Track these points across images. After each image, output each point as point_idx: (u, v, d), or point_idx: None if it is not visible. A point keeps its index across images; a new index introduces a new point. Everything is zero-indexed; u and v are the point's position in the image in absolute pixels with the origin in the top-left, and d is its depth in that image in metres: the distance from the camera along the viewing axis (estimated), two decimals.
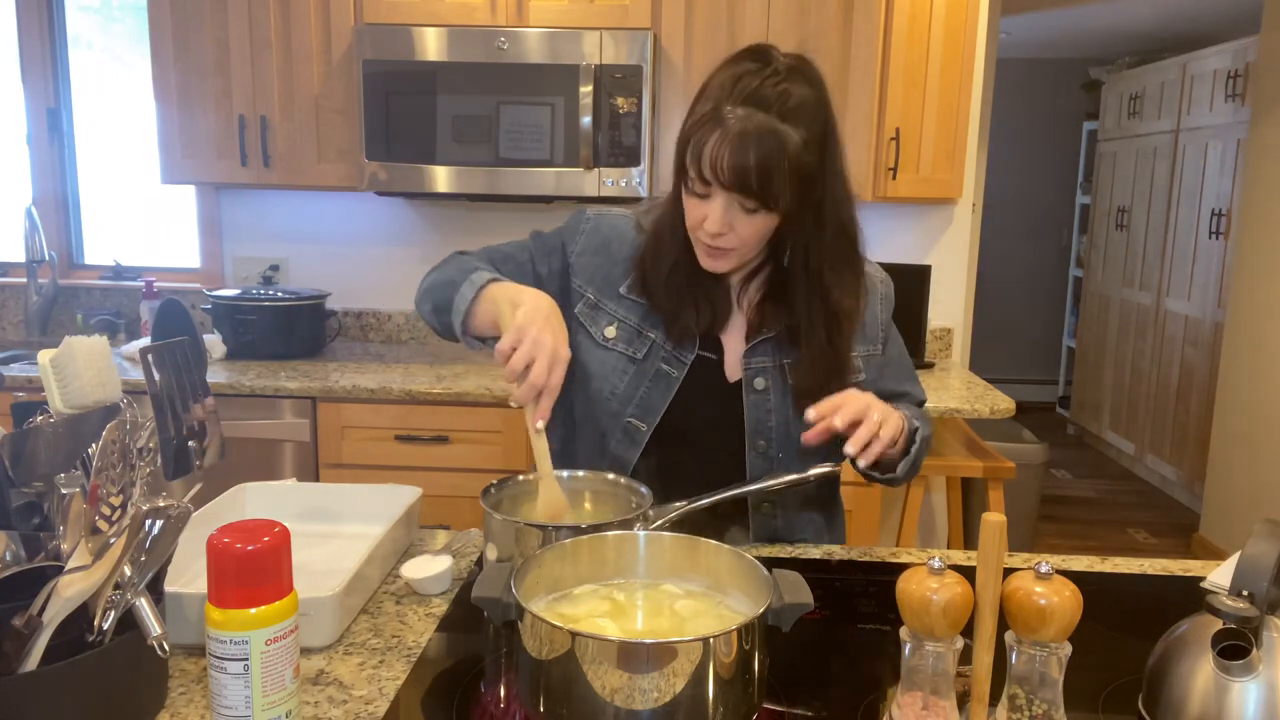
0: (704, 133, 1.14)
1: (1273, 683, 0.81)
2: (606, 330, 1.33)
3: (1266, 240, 3.68)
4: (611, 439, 1.32)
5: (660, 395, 1.31)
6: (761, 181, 1.13)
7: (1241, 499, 3.82)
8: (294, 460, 2.51)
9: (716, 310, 1.31)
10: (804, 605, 0.86)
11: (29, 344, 3.01)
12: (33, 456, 0.88)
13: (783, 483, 1.21)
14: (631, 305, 1.33)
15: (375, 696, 0.91)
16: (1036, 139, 6.41)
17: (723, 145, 1.13)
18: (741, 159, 1.12)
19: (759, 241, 1.23)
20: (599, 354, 1.33)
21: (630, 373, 1.31)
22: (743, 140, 1.12)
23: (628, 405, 1.31)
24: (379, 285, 3.12)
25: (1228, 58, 4.33)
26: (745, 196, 1.15)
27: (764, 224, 1.19)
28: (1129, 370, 5.22)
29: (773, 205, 1.16)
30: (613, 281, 1.35)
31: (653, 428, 1.31)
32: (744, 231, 1.19)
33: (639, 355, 1.32)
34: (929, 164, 2.66)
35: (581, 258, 1.36)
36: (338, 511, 1.30)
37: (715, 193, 1.16)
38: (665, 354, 1.31)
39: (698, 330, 1.31)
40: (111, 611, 0.81)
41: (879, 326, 1.37)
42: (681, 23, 2.58)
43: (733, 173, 1.13)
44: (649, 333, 1.32)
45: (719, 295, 1.32)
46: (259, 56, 2.66)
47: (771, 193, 1.14)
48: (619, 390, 1.32)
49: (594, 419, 1.34)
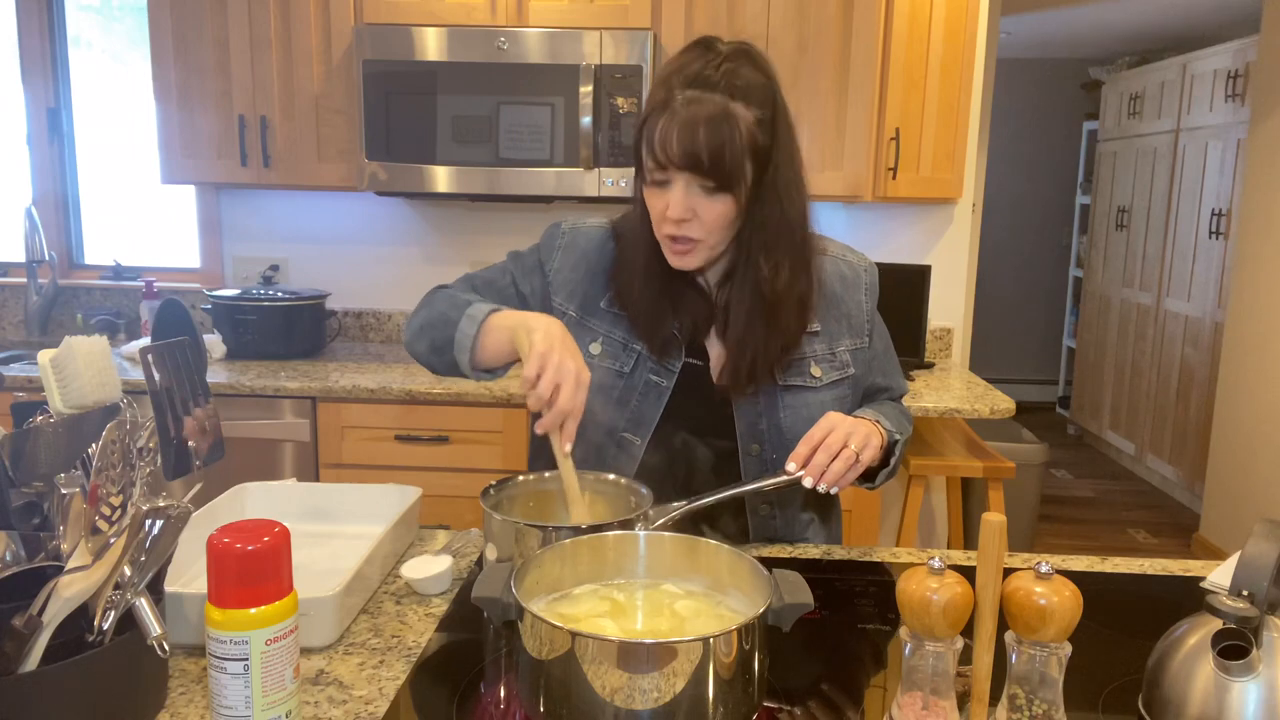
0: (654, 119, 1.16)
1: (1273, 683, 0.81)
2: (591, 347, 1.31)
3: (1266, 240, 3.68)
4: (606, 454, 1.31)
5: (652, 407, 1.30)
6: (713, 156, 1.13)
7: (1241, 499, 3.82)
8: (294, 460, 2.51)
9: (697, 317, 1.30)
10: (804, 605, 0.86)
11: (29, 344, 3.01)
12: (33, 456, 0.88)
13: (779, 482, 1.21)
14: (615, 319, 1.32)
15: (375, 696, 0.91)
16: (1036, 139, 6.41)
17: (671, 125, 1.14)
18: (691, 135, 1.13)
19: (724, 229, 1.21)
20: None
21: (619, 387, 1.30)
22: (691, 118, 1.13)
23: (620, 420, 1.30)
24: (379, 285, 3.12)
25: (1228, 58, 4.33)
26: (701, 175, 1.15)
27: (725, 208, 1.18)
28: (1129, 370, 5.22)
29: (730, 184, 1.16)
30: (593, 297, 1.33)
31: (646, 440, 1.30)
32: (707, 217, 1.18)
33: (626, 369, 1.30)
34: (929, 164, 2.66)
35: (560, 274, 1.35)
36: (338, 511, 1.30)
37: (673, 178, 1.17)
38: (652, 365, 1.30)
39: (682, 339, 1.29)
40: (111, 611, 0.81)
41: (865, 318, 1.36)
42: (681, 23, 2.58)
43: (683, 149, 1.13)
44: (634, 345, 1.30)
45: (698, 302, 1.30)
46: (259, 56, 2.66)
47: (725, 168, 1.14)
48: (609, 406, 1.30)
49: (585, 436, 1.29)
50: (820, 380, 1.31)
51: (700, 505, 1.19)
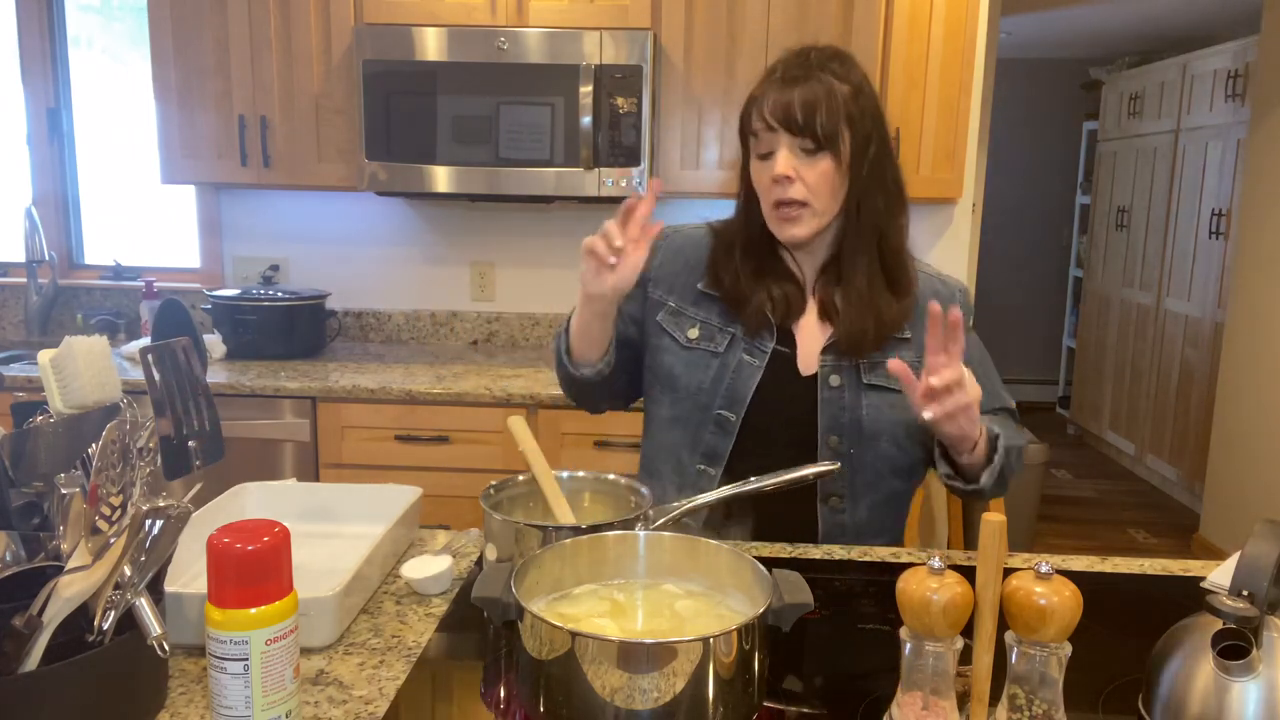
0: (753, 101, 1.30)
1: (1273, 683, 0.80)
2: (690, 332, 1.38)
3: (1266, 240, 3.68)
4: (705, 432, 1.35)
5: (744, 385, 1.34)
6: (807, 114, 1.24)
7: (1241, 499, 3.82)
8: (294, 460, 2.51)
9: (790, 300, 1.35)
10: (804, 605, 0.86)
11: (29, 344, 3.01)
12: (33, 456, 0.88)
13: (782, 481, 1.21)
14: (711, 303, 1.38)
15: (375, 696, 0.91)
16: (1036, 139, 6.41)
17: (770, 91, 1.27)
18: (786, 98, 1.25)
19: (828, 193, 1.28)
20: (684, 355, 1.38)
21: (714, 366, 1.36)
22: (789, 82, 1.27)
23: (715, 398, 1.35)
24: (379, 285, 3.12)
25: (1228, 58, 4.33)
26: (799, 135, 1.25)
27: (827, 168, 1.26)
28: (1129, 370, 5.22)
29: (828, 143, 1.25)
30: (690, 285, 1.40)
31: (741, 417, 1.34)
32: (810, 177, 1.26)
33: (721, 349, 1.36)
34: (929, 164, 2.66)
35: (660, 269, 1.42)
36: (338, 511, 1.30)
37: (776, 142, 1.27)
38: (746, 345, 1.36)
39: (774, 319, 1.35)
40: (111, 611, 0.81)
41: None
42: (681, 23, 2.58)
43: (780, 109, 1.25)
44: (729, 327, 1.37)
45: (791, 285, 1.36)
46: (259, 56, 2.66)
47: (821, 127, 1.24)
48: (706, 385, 1.36)
49: (684, 418, 1.37)
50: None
51: (701, 504, 1.19)
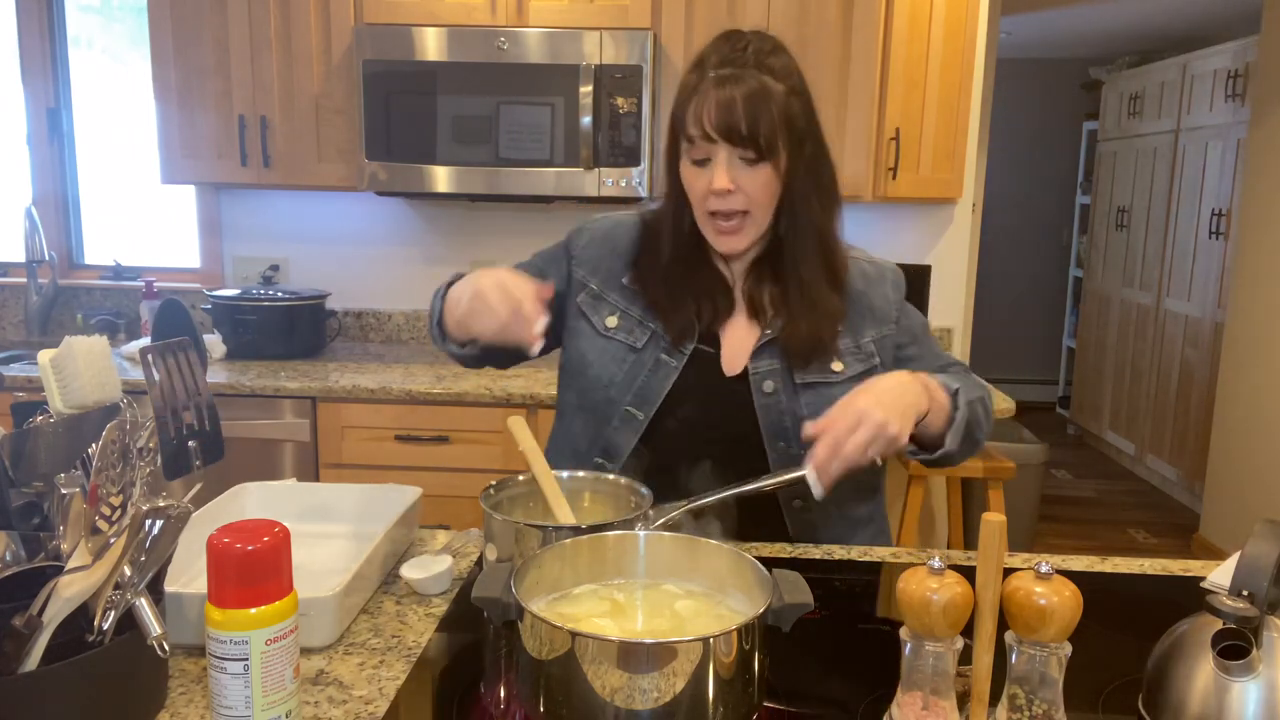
0: (688, 101, 1.21)
1: (1273, 683, 0.80)
2: (608, 320, 1.34)
3: (1266, 240, 3.68)
4: (608, 426, 1.32)
5: (659, 384, 1.31)
6: (751, 126, 1.18)
7: (1241, 499, 3.81)
8: (294, 460, 2.51)
9: (718, 306, 1.33)
10: (804, 605, 0.86)
11: (29, 344, 3.01)
12: (33, 456, 0.88)
13: (777, 482, 1.20)
14: (634, 296, 1.35)
15: (375, 696, 0.91)
16: (1036, 139, 6.41)
17: (707, 98, 1.19)
18: (728, 108, 1.18)
19: (768, 201, 1.25)
20: (599, 343, 1.34)
21: (629, 361, 1.32)
22: (727, 92, 1.18)
23: (625, 394, 1.32)
24: (379, 285, 3.12)
25: (1228, 58, 4.33)
26: (740, 145, 1.19)
27: (767, 178, 1.22)
28: (1129, 370, 5.22)
29: (769, 153, 1.20)
30: (615, 273, 1.36)
31: (649, 417, 1.31)
32: (751, 188, 1.22)
33: (638, 345, 1.33)
34: (929, 164, 2.66)
35: (585, 250, 1.39)
36: (338, 511, 1.29)
37: (714, 152, 1.21)
38: (665, 345, 1.32)
39: (699, 325, 1.32)
40: (111, 611, 0.81)
41: (891, 306, 1.38)
42: (681, 23, 2.58)
43: (721, 121, 1.18)
44: (650, 323, 1.33)
45: (719, 291, 1.33)
46: (259, 56, 2.66)
47: (762, 135, 1.18)
48: (617, 379, 1.32)
49: (591, 406, 1.34)
50: (841, 374, 1.31)
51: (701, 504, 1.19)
